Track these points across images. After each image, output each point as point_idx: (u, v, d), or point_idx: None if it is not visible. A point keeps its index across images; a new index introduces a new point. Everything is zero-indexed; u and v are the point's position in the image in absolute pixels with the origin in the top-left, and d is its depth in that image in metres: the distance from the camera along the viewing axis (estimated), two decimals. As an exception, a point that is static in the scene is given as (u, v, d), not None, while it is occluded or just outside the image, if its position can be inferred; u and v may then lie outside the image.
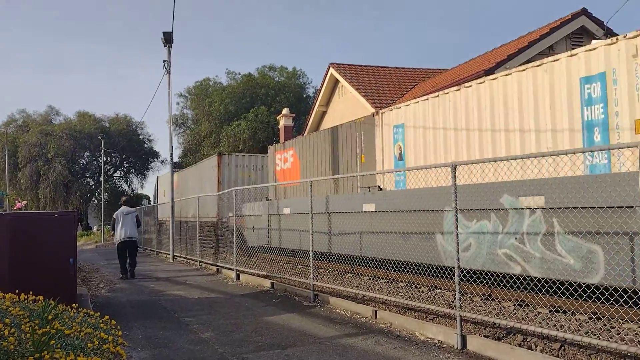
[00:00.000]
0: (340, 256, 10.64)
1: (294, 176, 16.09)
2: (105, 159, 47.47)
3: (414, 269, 8.56)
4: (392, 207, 9.51)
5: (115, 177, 57.49)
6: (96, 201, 54.60)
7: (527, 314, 6.93)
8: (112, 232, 14.42)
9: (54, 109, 53.88)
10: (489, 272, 7.42)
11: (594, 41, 8.06)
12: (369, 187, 11.07)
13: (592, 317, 6.35)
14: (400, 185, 11.02)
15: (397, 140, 11.50)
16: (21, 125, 51.46)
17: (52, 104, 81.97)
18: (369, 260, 10.17)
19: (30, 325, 4.75)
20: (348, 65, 24.05)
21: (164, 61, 19.45)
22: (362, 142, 12.67)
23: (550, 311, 6.87)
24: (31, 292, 6.26)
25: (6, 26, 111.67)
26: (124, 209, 13.96)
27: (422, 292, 8.82)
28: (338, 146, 13.64)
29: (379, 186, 11.00)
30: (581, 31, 15.77)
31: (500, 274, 7.20)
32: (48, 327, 4.64)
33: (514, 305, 7.38)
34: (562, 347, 5.65)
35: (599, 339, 5.18)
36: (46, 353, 4.17)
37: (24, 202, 37.83)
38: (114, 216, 14.08)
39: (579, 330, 5.98)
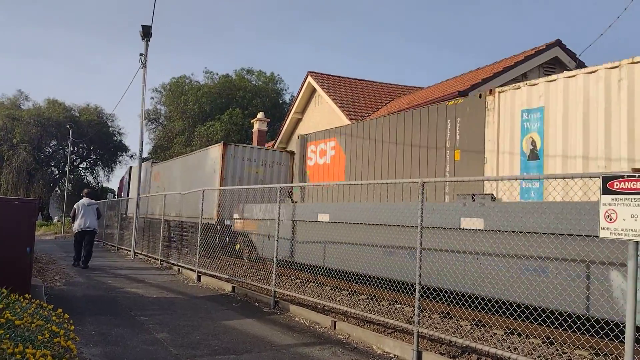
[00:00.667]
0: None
1: (334, 174, 13.06)
2: (72, 149, 46.35)
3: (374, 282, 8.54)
4: (519, 227, 6.56)
5: (81, 168, 56.26)
6: (59, 191, 53.30)
7: (482, 334, 7.03)
8: (72, 222, 14.72)
9: (23, 93, 52.59)
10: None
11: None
12: (472, 195, 7.81)
13: (546, 342, 6.48)
14: (532, 196, 8.08)
15: (529, 130, 8.46)
16: (-13, 107, 49.95)
17: (22, 89, 79.79)
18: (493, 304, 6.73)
19: (-22, 313, 4.59)
20: (326, 75, 24.19)
21: (141, 54, 19.20)
22: (456, 132, 9.67)
23: (505, 333, 6.98)
24: (-18, 280, 6.06)
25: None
26: (85, 200, 14.44)
27: (383, 305, 8.87)
28: (412, 137, 10.70)
29: (491, 195, 7.71)
30: (554, 61, 16.24)
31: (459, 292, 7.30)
32: (-3, 316, 4.50)
33: (471, 324, 7.48)
34: (515, 369, 5.74)
35: (550, 363, 5.29)
36: (-7, 343, 4.03)
37: (-17, 187, 36.66)
38: (75, 206, 14.47)
39: (532, 353, 6.10)
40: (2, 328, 4.38)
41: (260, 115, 28.07)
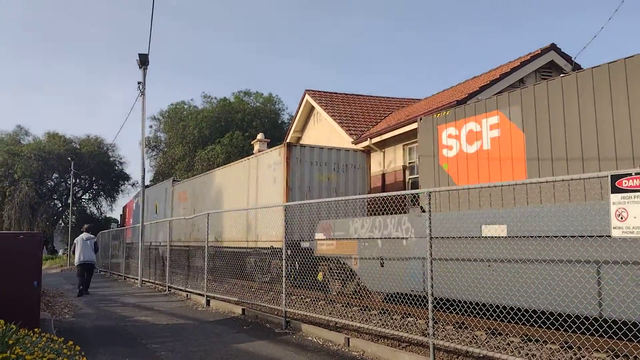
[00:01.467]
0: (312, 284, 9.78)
1: (501, 165, 9.09)
2: (74, 181, 46.46)
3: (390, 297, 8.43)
4: None
5: (83, 200, 56.32)
6: (63, 224, 53.23)
7: (499, 342, 6.93)
8: (74, 255, 16.28)
9: (22, 128, 52.85)
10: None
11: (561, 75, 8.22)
12: None
13: (564, 346, 6.39)
14: None
15: None
16: (-14, 144, 50.17)
17: (21, 124, 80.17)
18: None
19: (-12, 350, 4.54)
20: (324, 92, 24.31)
21: (139, 83, 19.32)
22: None
23: (522, 340, 6.88)
24: (-9, 316, 6.01)
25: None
26: (84, 234, 15.84)
27: (395, 319, 8.77)
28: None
29: None
30: (550, 65, 16.30)
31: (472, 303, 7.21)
32: (8, 352, 4.46)
33: (486, 333, 7.38)
34: (534, 376, 5.65)
35: (571, 367, 5.19)
36: (5, 380, 3.98)
37: (-13, 223, 36.67)
38: (75, 241, 16.03)
39: (551, 359, 6.00)
40: (13, 364, 4.32)
41: (260, 136, 28.13)
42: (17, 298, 7.39)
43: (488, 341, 7.04)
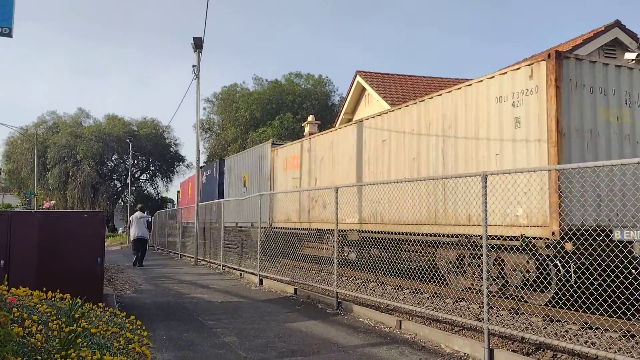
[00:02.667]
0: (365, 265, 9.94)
1: None
2: (132, 162, 48.18)
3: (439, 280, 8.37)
4: None
5: (141, 180, 58.30)
6: (122, 203, 55.39)
7: (556, 329, 6.74)
8: (129, 232, 19.59)
9: (84, 111, 54.97)
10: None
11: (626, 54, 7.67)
12: None
13: (626, 335, 6.15)
14: None
15: None
16: (51, 126, 52.51)
17: (82, 107, 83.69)
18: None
19: (57, 323, 4.79)
20: (375, 73, 24.02)
21: (193, 66, 19.70)
22: None
23: (581, 327, 6.67)
24: (58, 290, 6.33)
25: (42, 29, 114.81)
26: (137, 213, 17.86)
27: (447, 303, 8.68)
28: None
29: None
30: (614, 43, 15.48)
31: (530, 288, 7.03)
32: (75, 325, 4.67)
33: (543, 320, 7.19)
34: (594, 365, 5.48)
35: (633, 357, 5.00)
36: (73, 351, 4.19)
37: (53, 202, 38.64)
38: (130, 219, 18.61)
39: (611, 347, 5.79)
40: (79, 336, 4.54)
41: (311, 118, 28.17)
42: (82, 274, 7.77)
43: (545, 328, 6.87)
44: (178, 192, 39.57)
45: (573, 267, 7.22)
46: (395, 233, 9.72)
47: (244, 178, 20.96)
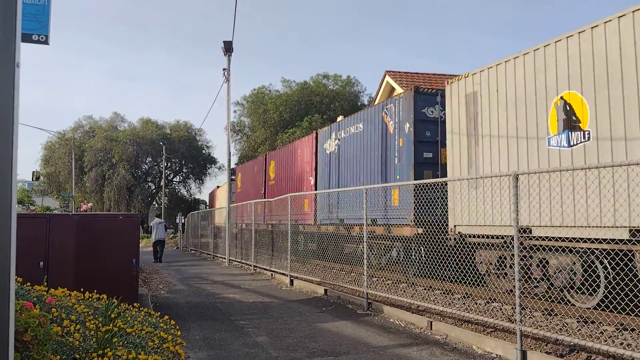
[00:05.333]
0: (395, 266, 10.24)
1: None
2: (166, 165, 49.06)
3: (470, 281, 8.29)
4: None
5: (174, 182, 59.27)
6: (156, 205, 56.42)
7: (591, 331, 6.61)
8: (150, 235, 23.27)
9: (119, 115, 56.14)
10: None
11: None
12: None
13: (665, 338, 5.98)
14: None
15: None
16: (87, 131, 53.85)
17: (118, 111, 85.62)
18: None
19: (94, 322, 4.94)
20: (404, 72, 23.89)
21: (224, 69, 19.95)
22: None
23: (616, 329, 6.52)
24: (95, 291, 6.52)
25: (78, 36, 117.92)
26: (156, 220, 21.92)
27: (479, 305, 8.58)
28: None
29: None
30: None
31: (563, 290, 6.90)
32: (111, 325, 4.82)
33: (578, 321, 7.05)
34: (631, 368, 5.34)
35: (673, 361, 4.87)
36: (109, 350, 4.32)
37: (90, 205, 39.66)
38: (151, 224, 22.44)
39: (650, 350, 5.64)
40: (115, 336, 4.68)
41: (339, 118, 28.17)
42: (117, 275, 7.98)
43: (579, 329, 6.73)
44: (233, 179, 29.19)
45: None
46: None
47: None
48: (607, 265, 7.20)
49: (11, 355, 2.28)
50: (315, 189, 16.95)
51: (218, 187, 39.30)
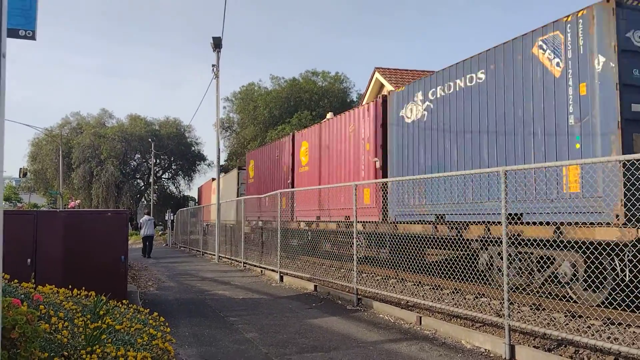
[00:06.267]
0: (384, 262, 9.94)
1: None
2: (154, 161, 48.78)
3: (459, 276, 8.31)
4: None
5: (163, 179, 58.97)
6: (145, 202, 56.11)
7: (579, 325, 6.68)
8: (139, 231, 23.57)
9: (107, 112, 55.74)
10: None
11: None
12: None
13: (650, 331, 6.05)
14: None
15: None
16: (75, 127, 53.39)
17: (105, 107, 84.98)
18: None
19: (82, 319, 4.91)
20: (393, 69, 23.93)
21: (213, 65, 19.86)
22: None
23: (604, 323, 6.59)
24: (83, 288, 6.48)
25: (65, 32, 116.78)
26: (145, 217, 22.85)
27: (468, 300, 8.64)
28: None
29: None
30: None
31: (551, 284, 6.97)
32: (100, 322, 4.79)
33: (565, 316, 7.12)
34: (617, 361, 5.42)
35: (658, 354, 4.92)
36: (98, 347, 4.30)
37: (78, 201, 39.30)
38: (140, 221, 23.50)
39: (634, 343, 5.72)
40: (104, 333, 4.65)
41: (329, 115, 28.20)
42: (106, 271, 7.94)
43: (567, 324, 6.80)
44: (242, 169, 26.90)
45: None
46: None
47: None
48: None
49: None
50: (385, 174, 12.55)
51: (213, 179, 37.18)
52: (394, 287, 10.14)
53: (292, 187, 17.12)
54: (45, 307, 4.96)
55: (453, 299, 8.71)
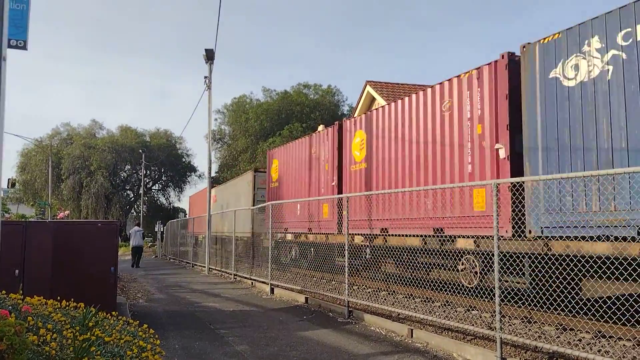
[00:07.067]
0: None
1: None
2: (145, 172, 48.56)
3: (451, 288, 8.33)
4: None
5: (153, 190, 58.71)
6: (135, 213, 55.78)
7: (570, 338, 6.69)
8: (128, 242, 25.40)
9: (97, 123, 55.57)
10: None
11: None
12: None
13: (640, 344, 6.07)
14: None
15: None
16: (65, 138, 53.16)
17: (96, 118, 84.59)
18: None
19: (71, 331, 4.84)
20: (384, 83, 24.10)
21: (205, 77, 19.90)
22: None
23: (594, 336, 6.61)
24: (72, 299, 6.40)
25: (56, 42, 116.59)
26: (135, 228, 23.87)
27: (459, 312, 8.64)
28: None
29: None
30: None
31: (543, 296, 6.99)
32: (89, 333, 4.73)
33: (556, 329, 7.14)
34: (608, 374, 5.42)
35: (649, 367, 4.93)
36: (86, 359, 4.24)
37: (67, 212, 38.99)
38: (129, 232, 24.98)
39: (625, 356, 5.74)
40: (93, 345, 4.59)
41: (320, 127, 28.28)
42: (95, 283, 7.86)
43: (558, 337, 6.81)
44: (260, 172, 22.38)
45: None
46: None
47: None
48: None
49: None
50: (516, 167, 8.65)
51: (214, 185, 34.47)
52: (385, 299, 10.11)
53: (340, 190, 13.92)
54: (33, 318, 4.89)
55: (444, 311, 8.70)
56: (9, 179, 37.74)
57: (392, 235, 11.13)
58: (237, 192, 23.81)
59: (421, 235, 10.18)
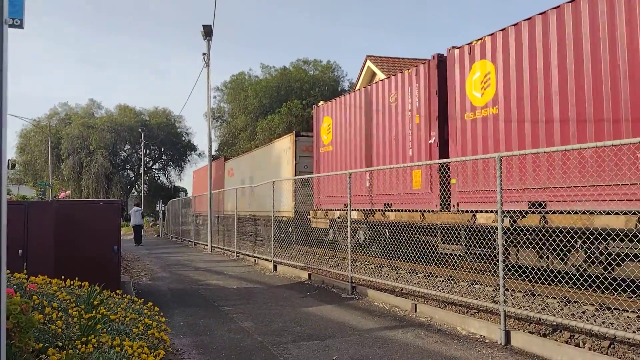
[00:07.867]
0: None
1: None
2: (145, 152, 48.44)
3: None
4: None
5: (154, 169, 58.63)
6: (136, 192, 55.78)
7: (573, 310, 6.71)
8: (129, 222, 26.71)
9: (95, 102, 55.13)
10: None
11: None
12: None
13: (644, 316, 6.08)
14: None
15: None
16: (63, 118, 52.82)
17: (94, 98, 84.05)
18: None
19: (77, 309, 4.85)
20: (385, 57, 23.84)
21: (204, 54, 19.66)
22: None
23: (597, 308, 6.64)
24: (76, 278, 6.42)
25: (52, 21, 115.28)
26: (135, 208, 24.46)
27: (462, 287, 8.67)
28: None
29: None
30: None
31: (546, 270, 7.00)
32: (94, 312, 4.74)
33: (559, 302, 7.16)
34: (612, 345, 5.45)
35: (653, 337, 4.94)
36: (93, 337, 4.25)
37: (68, 192, 39.01)
38: (129, 212, 26.51)
39: (629, 327, 5.76)
40: (99, 323, 4.61)
41: (321, 104, 28.12)
42: (99, 262, 7.86)
43: (562, 309, 6.84)
44: (303, 136, 18.58)
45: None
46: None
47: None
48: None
49: (3, 341, 2.19)
50: None
51: (227, 158, 30.38)
52: (388, 274, 10.15)
53: (443, 151, 10.33)
54: (38, 297, 4.90)
55: (447, 286, 8.73)
56: (8, 160, 37.70)
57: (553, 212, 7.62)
58: (268, 163, 20.03)
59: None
